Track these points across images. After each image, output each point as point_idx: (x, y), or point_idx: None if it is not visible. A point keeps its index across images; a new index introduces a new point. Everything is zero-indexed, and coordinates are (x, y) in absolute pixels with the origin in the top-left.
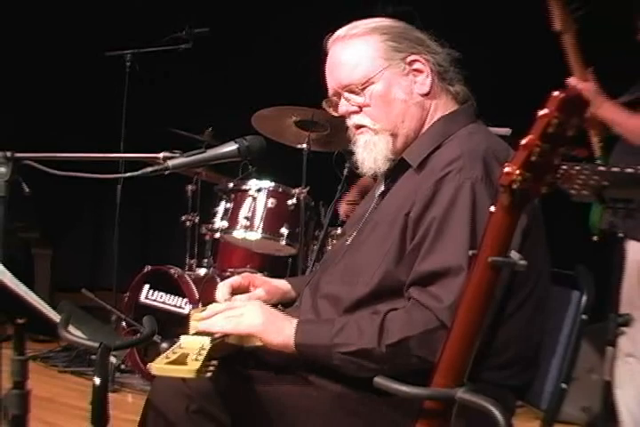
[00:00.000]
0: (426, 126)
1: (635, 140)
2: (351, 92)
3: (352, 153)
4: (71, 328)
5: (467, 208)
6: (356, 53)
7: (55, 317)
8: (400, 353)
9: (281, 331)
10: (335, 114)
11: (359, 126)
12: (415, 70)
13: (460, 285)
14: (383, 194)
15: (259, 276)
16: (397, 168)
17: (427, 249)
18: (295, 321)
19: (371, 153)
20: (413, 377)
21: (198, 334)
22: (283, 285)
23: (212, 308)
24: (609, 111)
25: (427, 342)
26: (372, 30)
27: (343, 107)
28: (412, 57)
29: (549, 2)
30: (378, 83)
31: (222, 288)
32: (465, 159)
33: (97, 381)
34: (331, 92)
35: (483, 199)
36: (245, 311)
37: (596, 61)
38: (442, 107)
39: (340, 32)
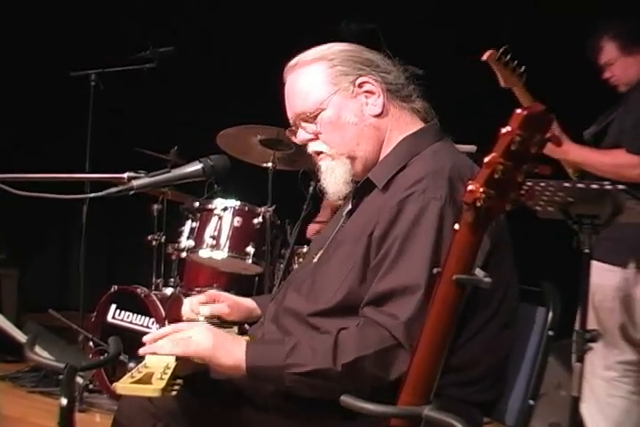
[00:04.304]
0: (386, 146)
1: (603, 175)
2: (305, 120)
3: (317, 172)
4: (37, 349)
5: (430, 228)
6: (305, 82)
7: (22, 337)
8: (355, 372)
9: (231, 353)
10: (296, 142)
11: (318, 153)
12: (366, 92)
13: (417, 302)
14: (350, 213)
15: (224, 294)
16: (364, 187)
17: (386, 268)
18: (244, 343)
19: (331, 178)
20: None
21: None
22: (249, 303)
23: (158, 331)
24: (573, 154)
25: (382, 361)
26: (320, 57)
27: (300, 135)
28: (361, 79)
29: (490, 64)
30: (328, 109)
31: (189, 304)
32: (429, 179)
33: (63, 401)
34: (290, 121)
35: (447, 219)
36: (194, 334)
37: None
38: (402, 125)
39: (293, 61)
